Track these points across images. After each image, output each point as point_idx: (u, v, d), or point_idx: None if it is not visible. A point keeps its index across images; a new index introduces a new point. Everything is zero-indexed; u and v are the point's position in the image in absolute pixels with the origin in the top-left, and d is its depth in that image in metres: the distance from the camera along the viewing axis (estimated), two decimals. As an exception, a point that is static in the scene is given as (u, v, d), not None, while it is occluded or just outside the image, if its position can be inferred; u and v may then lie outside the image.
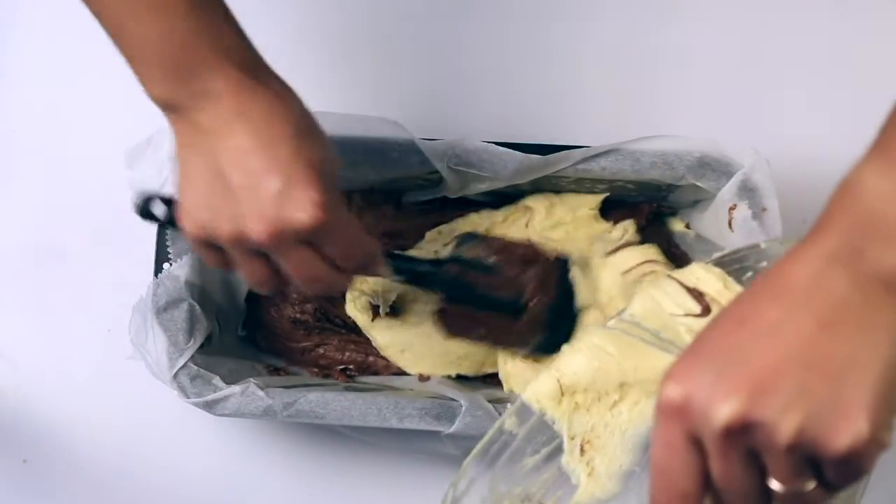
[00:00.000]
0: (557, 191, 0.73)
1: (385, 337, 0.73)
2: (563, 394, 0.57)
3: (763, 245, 0.58)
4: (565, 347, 0.58)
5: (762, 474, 0.42)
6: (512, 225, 0.73)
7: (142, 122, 0.71)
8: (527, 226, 0.73)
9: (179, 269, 0.67)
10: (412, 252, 0.73)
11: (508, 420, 0.57)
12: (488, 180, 0.69)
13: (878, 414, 0.40)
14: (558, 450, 0.57)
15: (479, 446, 0.56)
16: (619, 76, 0.80)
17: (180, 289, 0.67)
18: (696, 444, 0.43)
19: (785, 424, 0.40)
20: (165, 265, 0.68)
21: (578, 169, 0.68)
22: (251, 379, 0.67)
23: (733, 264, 0.57)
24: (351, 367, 0.74)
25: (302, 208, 0.52)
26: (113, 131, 0.77)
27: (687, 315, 0.55)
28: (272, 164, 0.52)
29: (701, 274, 0.56)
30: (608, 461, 0.56)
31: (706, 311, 0.55)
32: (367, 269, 0.61)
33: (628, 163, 0.68)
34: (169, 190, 0.67)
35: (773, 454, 0.41)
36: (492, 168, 0.68)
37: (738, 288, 0.55)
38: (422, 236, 0.74)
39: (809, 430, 0.40)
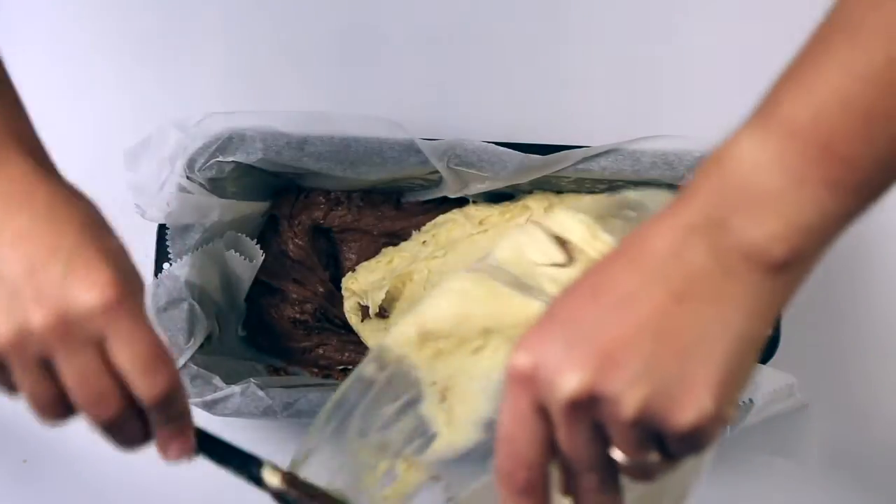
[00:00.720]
0: (558, 191, 0.73)
1: (376, 341, 0.73)
2: (425, 339, 0.54)
3: (633, 196, 0.55)
4: (429, 293, 0.55)
5: (607, 444, 0.42)
6: (509, 223, 0.73)
7: (141, 122, 0.71)
8: (526, 226, 0.73)
9: (179, 269, 0.67)
10: None
11: (367, 367, 0.54)
12: (488, 180, 0.69)
13: (724, 390, 0.40)
14: (418, 397, 0.55)
15: (336, 395, 0.53)
16: (620, 76, 0.80)
17: (180, 289, 0.67)
18: (543, 413, 0.42)
19: (629, 399, 0.40)
20: (165, 265, 0.68)
21: (578, 169, 0.68)
22: (251, 379, 0.67)
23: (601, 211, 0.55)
24: (351, 367, 0.74)
25: (89, 287, 0.44)
26: (112, 131, 0.77)
27: (551, 264, 0.53)
28: (55, 247, 0.45)
29: (567, 221, 0.53)
30: (468, 409, 0.54)
31: (571, 260, 0.52)
32: (164, 409, 0.47)
33: (628, 163, 0.68)
34: (167, 191, 0.67)
35: (616, 427, 0.41)
36: (492, 168, 0.68)
37: (605, 237, 0.52)
38: (421, 236, 0.75)
39: (653, 405, 0.40)
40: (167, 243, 0.68)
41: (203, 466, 0.77)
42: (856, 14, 0.41)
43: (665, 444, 0.42)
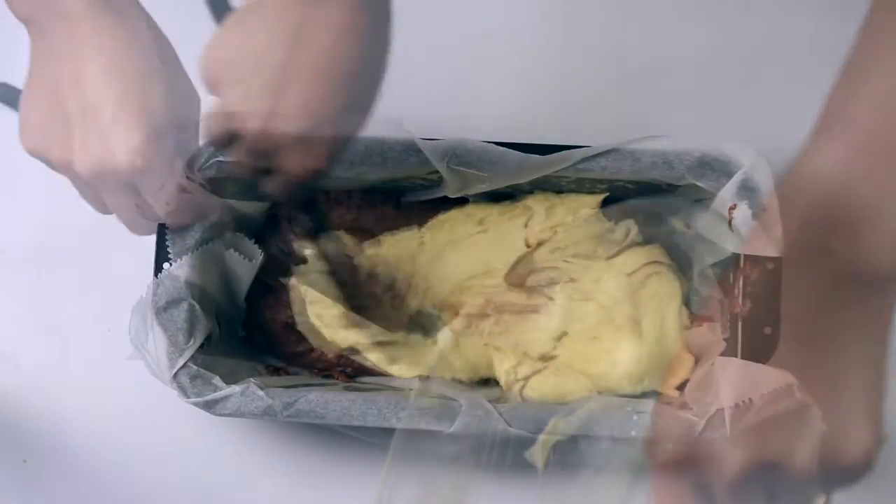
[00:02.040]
0: (558, 191, 0.73)
1: (372, 356, 0.72)
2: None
3: None
4: None
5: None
6: (510, 223, 0.73)
7: (142, 122, 0.71)
8: (525, 226, 0.73)
9: (179, 269, 0.67)
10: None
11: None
12: (488, 180, 0.69)
13: (875, 415, 0.40)
14: None
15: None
16: (619, 76, 0.80)
17: (180, 289, 0.67)
18: (704, 489, 0.41)
19: (798, 455, 0.40)
20: (165, 265, 0.68)
21: (578, 169, 0.68)
22: (251, 379, 0.67)
23: None
24: (349, 368, 0.74)
25: (122, 150, 0.53)
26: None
27: None
28: (105, 96, 0.53)
29: None
30: None
31: None
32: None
33: (628, 163, 0.68)
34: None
35: (792, 483, 0.40)
36: (492, 168, 0.68)
37: None
38: (421, 236, 0.74)
39: (822, 452, 0.40)
40: (167, 243, 0.68)
41: (201, 466, 0.77)
42: None
43: (829, 482, 0.41)
